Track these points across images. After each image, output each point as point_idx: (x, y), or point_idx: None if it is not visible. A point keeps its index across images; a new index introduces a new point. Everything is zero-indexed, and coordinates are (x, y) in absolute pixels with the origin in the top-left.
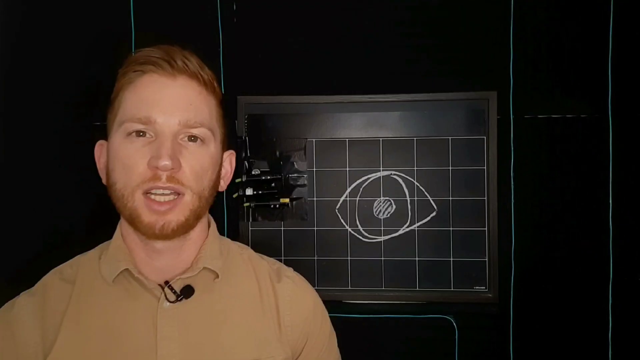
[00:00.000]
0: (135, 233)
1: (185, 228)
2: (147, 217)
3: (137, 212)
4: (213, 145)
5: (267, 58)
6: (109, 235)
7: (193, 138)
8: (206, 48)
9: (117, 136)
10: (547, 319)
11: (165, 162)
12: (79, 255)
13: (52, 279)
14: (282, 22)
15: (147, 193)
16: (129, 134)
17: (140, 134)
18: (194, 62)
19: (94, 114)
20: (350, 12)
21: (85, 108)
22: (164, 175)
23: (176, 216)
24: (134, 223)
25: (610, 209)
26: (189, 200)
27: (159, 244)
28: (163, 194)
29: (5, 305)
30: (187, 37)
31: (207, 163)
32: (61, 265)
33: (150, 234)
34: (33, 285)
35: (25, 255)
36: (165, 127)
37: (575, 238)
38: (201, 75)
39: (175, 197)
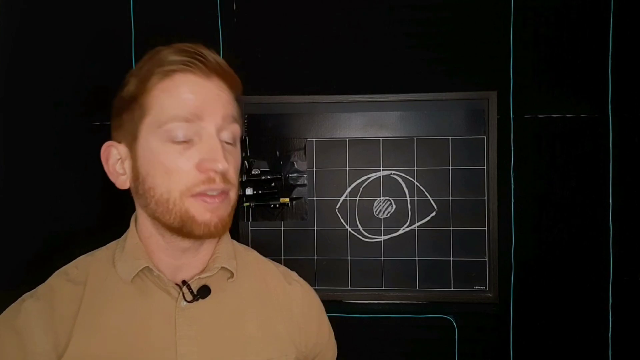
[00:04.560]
0: (160, 234)
1: (229, 224)
2: (201, 216)
3: (190, 213)
4: (239, 143)
5: (267, 58)
6: (109, 234)
7: (230, 140)
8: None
9: (153, 139)
10: (547, 319)
11: (224, 166)
12: (83, 256)
13: (58, 281)
14: (282, 22)
15: (199, 195)
16: (172, 138)
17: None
18: (224, 62)
19: (94, 114)
20: (350, 12)
21: (85, 108)
22: (217, 177)
23: (223, 212)
24: (186, 226)
25: (610, 209)
26: (232, 197)
27: (187, 243)
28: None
29: (9, 310)
30: (187, 37)
31: (239, 162)
32: (65, 267)
33: (206, 233)
34: (33, 285)
35: (25, 255)
36: (211, 126)
37: (575, 238)
38: (231, 76)
39: (222, 192)
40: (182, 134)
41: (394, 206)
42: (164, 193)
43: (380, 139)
